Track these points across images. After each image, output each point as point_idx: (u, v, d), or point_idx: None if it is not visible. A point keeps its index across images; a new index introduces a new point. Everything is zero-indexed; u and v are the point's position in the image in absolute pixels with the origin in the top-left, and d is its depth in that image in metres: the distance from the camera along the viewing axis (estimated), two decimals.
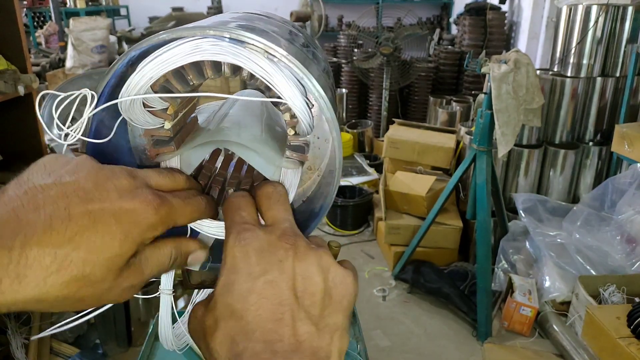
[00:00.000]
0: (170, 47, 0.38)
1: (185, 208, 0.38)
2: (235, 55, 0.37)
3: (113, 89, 0.41)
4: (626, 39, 2.89)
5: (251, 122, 0.53)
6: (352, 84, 5.23)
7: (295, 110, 0.40)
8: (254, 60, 0.38)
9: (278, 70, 0.38)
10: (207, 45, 0.37)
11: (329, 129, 0.41)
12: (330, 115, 0.40)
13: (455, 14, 6.38)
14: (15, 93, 1.94)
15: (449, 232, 2.92)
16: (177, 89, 0.41)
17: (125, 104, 0.41)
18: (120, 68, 0.40)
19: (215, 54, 0.37)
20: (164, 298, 0.57)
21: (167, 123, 0.44)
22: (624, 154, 2.17)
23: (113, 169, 0.35)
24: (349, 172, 4.01)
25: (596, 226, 2.54)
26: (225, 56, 0.37)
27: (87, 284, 0.32)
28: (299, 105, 0.40)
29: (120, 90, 0.40)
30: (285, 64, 0.39)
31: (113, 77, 0.40)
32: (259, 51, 0.38)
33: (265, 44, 0.38)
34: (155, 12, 6.99)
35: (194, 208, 0.40)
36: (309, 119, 0.41)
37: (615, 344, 1.83)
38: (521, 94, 2.28)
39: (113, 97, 0.40)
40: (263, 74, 0.38)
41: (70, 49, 4.25)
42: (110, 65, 0.41)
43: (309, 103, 0.41)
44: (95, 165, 0.35)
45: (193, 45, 0.37)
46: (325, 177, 0.49)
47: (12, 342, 1.98)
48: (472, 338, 2.47)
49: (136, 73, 0.39)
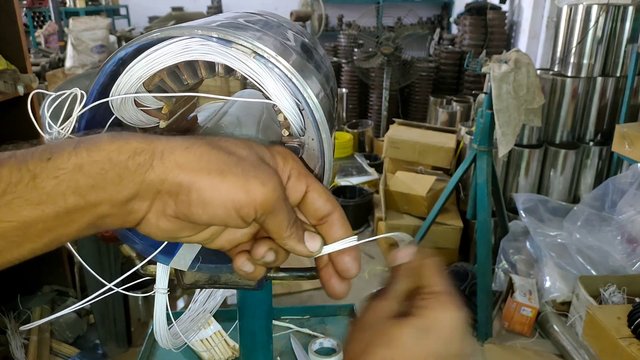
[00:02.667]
0: (160, 46, 0.38)
1: (286, 218, 0.36)
2: (222, 55, 0.37)
3: (104, 87, 0.41)
4: (627, 38, 2.88)
5: (248, 121, 0.53)
6: (352, 84, 5.23)
7: (284, 111, 0.40)
8: (242, 59, 0.38)
9: (266, 70, 0.38)
10: (196, 45, 0.37)
11: (319, 131, 0.41)
12: (319, 117, 0.40)
13: (455, 14, 6.38)
14: (15, 93, 1.94)
15: (449, 232, 2.92)
16: (172, 88, 0.41)
17: (116, 103, 0.40)
18: (110, 67, 0.40)
19: (204, 53, 0.37)
20: (158, 297, 0.57)
21: (162, 122, 0.44)
22: (624, 154, 2.17)
23: None
24: (349, 172, 4.01)
25: (597, 226, 2.53)
26: (214, 56, 0.37)
27: None
28: (287, 106, 0.39)
29: (112, 89, 0.40)
30: (274, 64, 0.38)
31: (102, 76, 0.40)
32: (245, 51, 0.38)
33: (253, 44, 0.38)
34: (155, 11, 6.98)
35: (294, 232, 0.37)
36: (299, 120, 0.41)
37: (616, 344, 1.83)
38: (522, 93, 2.27)
39: (105, 96, 0.40)
40: (251, 73, 0.38)
41: (70, 48, 4.25)
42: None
43: (299, 104, 0.40)
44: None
45: (182, 45, 0.37)
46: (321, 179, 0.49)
47: (12, 342, 1.98)
48: (472, 338, 2.46)
49: (125, 72, 0.39)
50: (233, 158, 0.34)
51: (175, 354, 1.11)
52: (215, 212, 0.33)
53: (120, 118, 0.42)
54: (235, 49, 0.38)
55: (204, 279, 0.56)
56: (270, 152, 0.38)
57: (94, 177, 0.30)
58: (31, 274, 2.27)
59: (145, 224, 0.34)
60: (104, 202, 0.31)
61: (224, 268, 0.49)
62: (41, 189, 0.29)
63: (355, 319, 0.41)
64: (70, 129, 0.39)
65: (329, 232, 0.39)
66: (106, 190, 0.31)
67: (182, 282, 0.56)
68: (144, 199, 0.32)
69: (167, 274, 0.57)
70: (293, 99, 0.40)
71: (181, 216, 0.33)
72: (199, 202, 0.32)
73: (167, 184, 0.32)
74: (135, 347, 2.19)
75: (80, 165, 0.30)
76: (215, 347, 1.12)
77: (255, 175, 0.33)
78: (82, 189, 0.30)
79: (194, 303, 0.70)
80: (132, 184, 0.31)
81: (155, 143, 0.32)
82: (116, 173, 0.31)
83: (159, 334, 0.60)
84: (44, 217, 0.30)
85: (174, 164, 0.32)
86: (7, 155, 0.30)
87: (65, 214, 0.30)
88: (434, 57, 5.31)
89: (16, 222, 0.29)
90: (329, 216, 0.39)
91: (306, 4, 4.67)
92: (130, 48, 0.39)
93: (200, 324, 0.71)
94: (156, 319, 0.58)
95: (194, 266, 0.48)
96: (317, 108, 0.40)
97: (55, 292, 2.31)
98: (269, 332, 0.72)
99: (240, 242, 0.40)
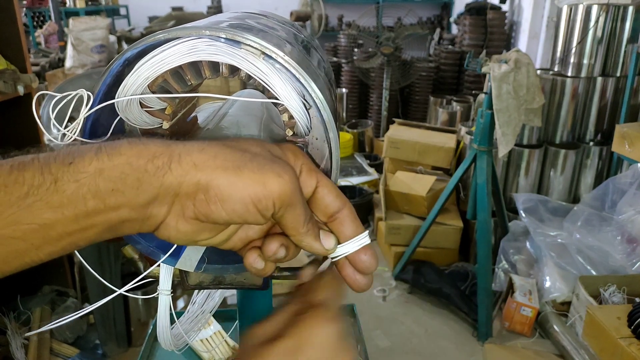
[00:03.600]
0: (167, 47, 0.38)
1: (302, 215, 0.36)
2: (231, 56, 0.37)
3: (109, 88, 0.41)
4: (627, 38, 2.88)
5: (249, 122, 0.53)
6: (352, 84, 5.23)
7: (292, 111, 0.40)
8: (250, 60, 0.38)
9: (274, 71, 0.38)
10: (203, 46, 0.37)
11: (327, 130, 0.41)
12: (327, 117, 0.40)
13: (455, 14, 6.38)
14: (15, 93, 1.94)
15: (449, 232, 2.92)
16: (175, 89, 0.41)
17: (122, 104, 0.40)
18: (117, 68, 0.40)
19: (211, 54, 0.37)
20: (162, 298, 0.57)
21: (165, 123, 0.44)
22: (624, 154, 2.16)
23: None
24: (349, 172, 4.01)
25: (597, 226, 2.53)
26: (221, 56, 0.37)
27: None
28: (295, 106, 0.39)
29: (117, 89, 0.40)
30: (282, 65, 0.38)
31: (109, 76, 0.40)
32: (254, 52, 0.38)
33: (261, 44, 0.38)
34: (154, 11, 6.98)
35: (310, 228, 0.37)
36: (305, 119, 0.41)
37: (616, 344, 1.82)
38: (522, 93, 2.27)
39: (110, 96, 0.40)
40: (259, 74, 0.38)
41: (70, 48, 4.25)
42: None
43: (306, 104, 0.40)
44: None
45: (189, 46, 0.37)
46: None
47: (12, 342, 1.98)
48: (472, 338, 2.46)
49: (132, 73, 0.39)
50: (247, 155, 0.34)
51: (175, 354, 1.11)
52: (234, 208, 0.33)
53: (125, 119, 0.42)
54: (244, 49, 0.38)
55: (209, 280, 0.56)
56: (281, 148, 0.38)
57: (114, 181, 0.31)
58: (31, 274, 2.27)
59: (164, 228, 0.34)
60: (123, 206, 0.32)
61: (230, 269, 0.49)
62: (62, 192, 0.30)
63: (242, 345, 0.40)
64: (78, 130, 0.39)
65: (341, 229, 0.39)
66: (125, 195, 0.31)
67: (187, 283, 0.56)
68: (163, 202, 0.33)
69: (170, 276, 0.57)
70: (300, 99, 0.40)
71: (200, 217, 0.34)
72: (218, 199, 0.33)
73: (185, 186, 0.32)
74: (135, 347, 2.19)
75: (101, 170, 0.31)
76: (215, 347, 1.12)
77: (271, 169, 0.34)
78: (102, 193, 0.31)
79: (192, 304, 0.70)
80: (151, 188, 0.32)
81: (172, 147, 0.33)
82: (136, 177, 0.31)
83: (162, 335, 0.60)
84: (64, 220, 0.30)
85: (191, 165, 0.32)
86: (30, 159, 0.31)
87: (84, 217, 0.31)
88: (434, 57, 5.31)
89: (36, 225, 0.30)
90: (339, 212, 0.39)
91: (306, 4, 4.67)
92: (138, 49, 0.39)
93: (200, 324, 0.71)
94: (160, 320, 0.58)
95: (200, 267, 0.48)
96: (325, 108, 0.40)
97: (55, 292, 2.30)
98: None
99: (252, 239, 0.40)
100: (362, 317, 1.23)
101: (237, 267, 0.49)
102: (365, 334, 1.17)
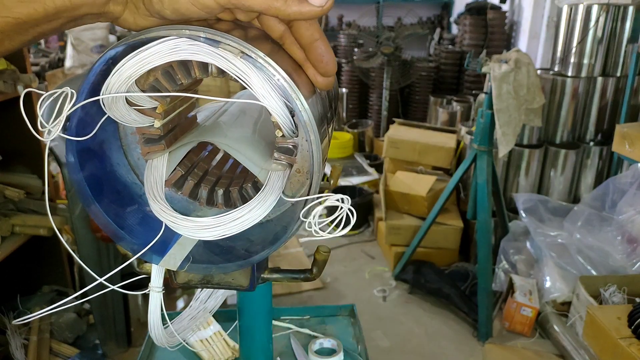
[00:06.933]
0: (149, 46, 0.38)
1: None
2: (209, 55, 0.38)
3: (95, 86, 0.41)
4: (627, 38, 2.88)
5: (245, 122, 0.53)
6: (352, 84, 5.23)
7: (271, 110, 0.40)
8: (229, 59, 0.38)
9: (254, 70, 0.38)
10: (184, 45, 0.38)
11: (307, 132, 0.41)
12: (307, 118, 0.40)
13: (455, 14, 6.37)
14: (14, 93, 1.94)
15: (449, 232, 2.92)
16: (166, 88, 0.42)
17: (107, 102, 0.41)
18: (100, 66, 0.41)
19: (192, 53, 0.38)
20: (153, 295, 0.57)
21: (156, 122, 0.45)
22: (624, 154, 2.16)
23: None
24: (349, 172, 4.01)
25: (597, 226, 2.53)
26: (201, 55, 0.38)
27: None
28: (275, 106, 0.40)
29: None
30: (261, 64, 0.38)
31: (93, 74, 0.41)
32: (233, 51, 0.38)
33: (240, 44, 0.38)
34: None
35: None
36: (287, 121, 0.41)
37: (616, 344, 1.82)
38: (522, 93, 2.27)
39: (96, 95, 0.41)
40: (238, 73, 0.38)
41: (70, 48, 4.24)
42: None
43: (288, 104, 0.40)
44: None
45: (171, 45, 0.38)
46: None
47: (12, 342, 1.98)
48: (472, 338, 2.46)
49: (115, 72, 0.39)
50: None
51: (174, 354, 1.11)
52: (175, 7, 0.37)
53: (112, 117, 0.42)
54: (221, 48, 0.38)
55: (197, 279, 0.57)
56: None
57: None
58: (31, 274, 2.27)
59: (123, 22, 0.40)
60: (85, 5, 0.37)
61: (213, 268, 0.49)
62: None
63: None
64: (60, 127, 0.39)
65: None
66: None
67: (175, 282, 0.56)
68: (118, 2, 0.39)
69: (162, 273, 0.57)
70: (282, 99, 0.40)
71: (153, 14, 0.39)
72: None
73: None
74: (135, 347, 2.19)
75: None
76: (215, 347, 1.12)
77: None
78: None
79: (195, 301, 0.70)
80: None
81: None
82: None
83: (154, 332, 0.61)
84: (35, 15, 0.36)
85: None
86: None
87: (53, 14, 0.36)
88: (434, 57, 5.30)
89: (11, 19, 0.35)
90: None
91: None
92: (120, 47, 0.40)
93: (200, 322, 0.71)
94: (151, 317, 0.59)
95: (184, 266, 0.48)
96: (305, 108, 0.40)
97: (55, 292, 2.30)
98: (268, 332, 0.72)
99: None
100: (362, 317, 1.23)
101: (221, 267, 0.49)
102: (366, 334, 1.17)
